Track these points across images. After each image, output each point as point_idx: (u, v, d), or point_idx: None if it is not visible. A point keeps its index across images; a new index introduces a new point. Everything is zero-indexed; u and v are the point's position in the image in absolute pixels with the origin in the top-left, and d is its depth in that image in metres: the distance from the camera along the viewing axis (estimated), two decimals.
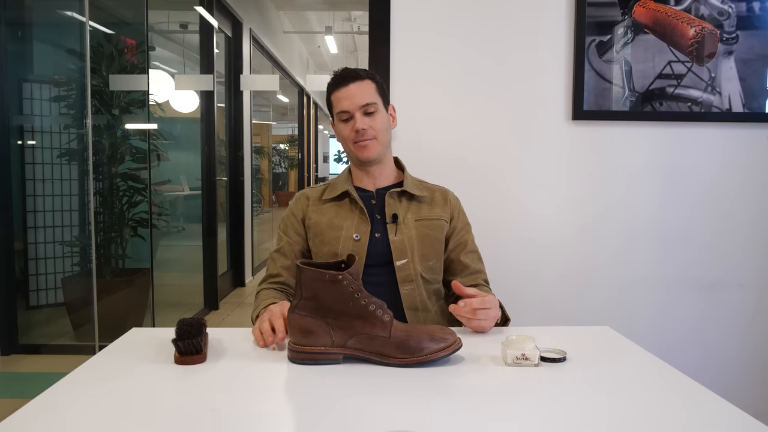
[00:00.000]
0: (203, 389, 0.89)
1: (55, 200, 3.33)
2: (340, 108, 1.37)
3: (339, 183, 1.44)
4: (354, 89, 1.36)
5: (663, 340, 1.95)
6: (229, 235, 4.75)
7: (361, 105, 1.35)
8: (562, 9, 1.86)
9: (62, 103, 3.34)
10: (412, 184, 1.44)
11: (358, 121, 1.35)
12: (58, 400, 0.84)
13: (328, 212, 1.41)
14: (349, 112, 1.36)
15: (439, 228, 1.41)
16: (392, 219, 1.38)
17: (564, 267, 1.93)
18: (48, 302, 3.35)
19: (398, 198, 1.41)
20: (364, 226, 1.37)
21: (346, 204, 1.41)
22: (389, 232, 1.37)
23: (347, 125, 1.37)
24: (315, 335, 0.98)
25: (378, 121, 1.37)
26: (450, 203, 1.46)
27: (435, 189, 1.48)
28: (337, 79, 1.39)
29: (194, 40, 4.30)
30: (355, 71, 1.38)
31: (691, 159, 1.91)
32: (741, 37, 1.85)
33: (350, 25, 7.45)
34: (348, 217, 1.39)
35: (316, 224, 1.40)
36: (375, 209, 1.40)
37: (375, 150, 1.37)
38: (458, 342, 1.00)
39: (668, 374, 0.96)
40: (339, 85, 1.37)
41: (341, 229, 1.37)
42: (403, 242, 1.36)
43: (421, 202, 1.43)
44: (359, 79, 1.37)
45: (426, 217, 1.41)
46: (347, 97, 1.36)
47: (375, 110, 1.37)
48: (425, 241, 1.38)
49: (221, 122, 4.47)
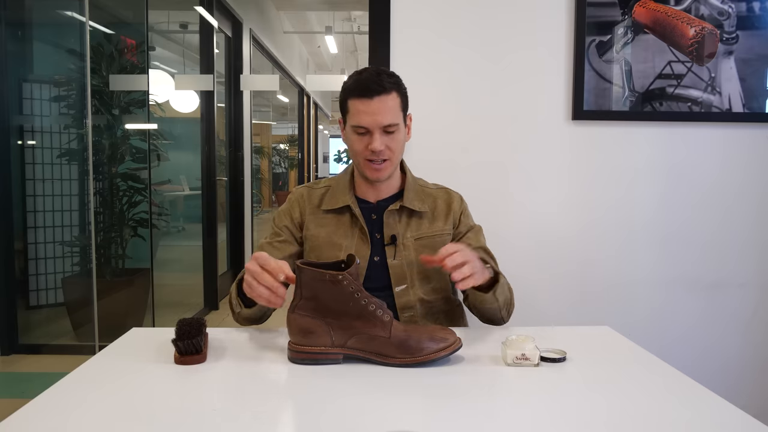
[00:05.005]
0: (203, 389, 0.89)
1: (55, 200, 3.33)
2: (359, 122, 1.24)
3: (340, 190, 1.35)
4: (377, 106, 1.22)
5: (663, 339, 1.95)
6: (229, 235, 4.75)
7: (383, 125, 1.23)
8: (562, 9, 1.86)
9: (62, 103, 3.34)
10: (413, 195, 1.35)
11: (376, 140, 1.23)
12: (58, 400, 0.84)
13: (327, 225, 1.33)
14: (367, 129, 1.24)
15: (441, 245, 1.31)
16: (391, 240, 1.31)
17: (564, 267, 1.93)
18: (48, 302, 3.35)
19: (398, 216, 1.33)
20: (364, 249, 1.30)
21: (347, 219, 1.33)
22: (388, 255, 1.30)
23: (361, 139, 1.26)
24: (315, 335, 0.98)
25: (396, 141, 1.26)
26: (453, 211, 1.38)
27: (438, 196, 1.40)
28: (359, 86, 1.24)
29: (194, 40, 4.31)
30: (381, 81, 1.23)
31: (691, 159, 1.91)
32: (741, 37, 1.85)
33: (350, 25, 7.45)
34: (348, 235, 1.32)
35: (314, 237, 1.33)
36: (375, 227, 1.33)
37: (386, 172, 1.28)
38: (458, 342, 1.00)
39: (668, 374, 0.96)
40: (361, 96, 1.23)
41: (340, 249, 1.30)
42: (402, 267, 1.30)
43: (422, 218, 1.35)
44: (384, 93, 1.22)
45: (426, 234, 1.33)
46: (369, 112, 1.22)
47: (395, 130, 1.25)
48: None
49: (221, 122, 4.47)
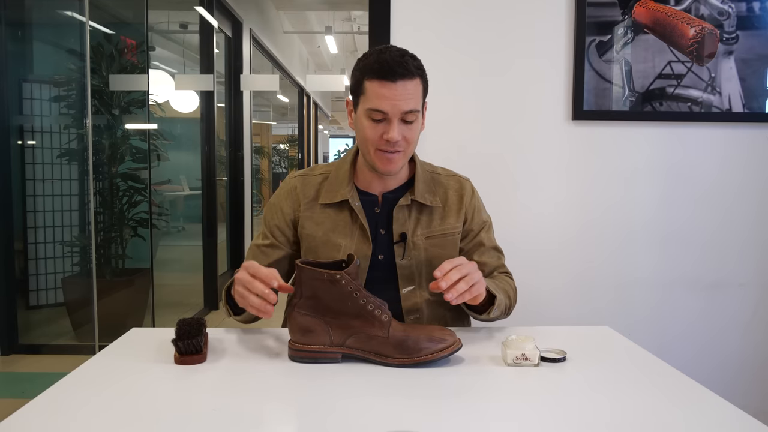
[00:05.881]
0: (203, 389, 0.89)
1: (55, 200, 3.33)
2: (377, 106, 1.11)
3: (339, 182, 1.23)
4: (400, 91, 1.10)
5: (663, 339, 1.95)
6: (229, 235, 4.75)
7: (404, 111, 1.11)
8: (562, 9, 1.86)
9: (62, 103, 3.34)
10: (424, 187, 1.24)
11: (393, 129, 1.11)
12: (58, 400, 0.84)
13: (324, 222, 1.23)
14: (385, 114, 1.12)
15: (452, 244, 1.25)
16: (400, 238, 1.21)
17: (564, 267, 1.93)
18: (48, 302, 3.35)
19: (407, 211, 1.22)
20: (365, 248, 1.20)
21: (346, 214, 1.22)
22: (396, 254, 1.21)
23: (376, 127, 1.13)
24: (314, 334, 0.98)
25: (413, 131, 1.16)
26: (465, 205, 1.27)
27: (449, 185, 1.29)
28: (382, 67, 1.10)
29: (194, 40, 4.31)
30: (406, 64, 1.11)
31: (691, 159, 1.91)
32: (741, 37, 1.85)
33: (350, 25, 7.45)
34: (347, 233, 1.21)
35: (310, 237, 1.23)
36: (378, 222, 1.22)
37: (399, 164, 1.17)
38: (458, 343, 0.99)
39: (668, 374, 0.96)
40: (383, 77, 1.10)
41: (339, 249, 1.20)
42: (411, 267, 1.21)
43: (433, 213, 1.24)
44: (409, 77, 1.11)
45: (438, 233, 1.23)
46: (390, 97, 1.10)
47: (415, 118, 1.14)
48: (435, 262, 1.17)
49: (221, 122, 4.47)
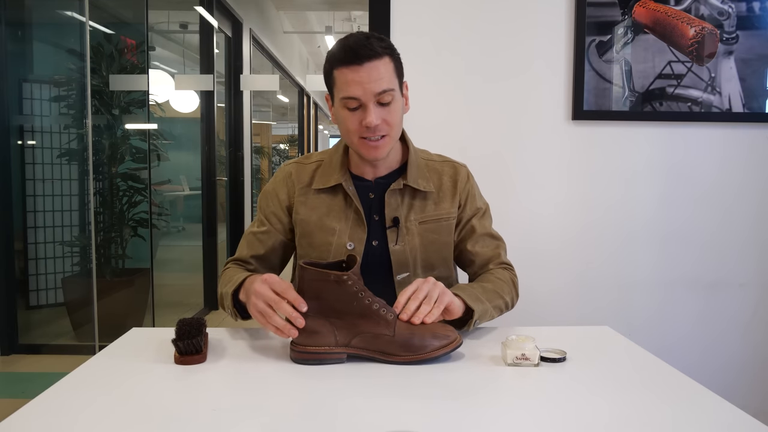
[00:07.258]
0: (203, 389, 0.89)
1: (55, 200, 3.33)
2: (349, 93, 1.09)
3: (333, 167, 1.23)
4: (369, 72, 1.08)
5: (663, 339, 1.95)
6: (229, 235, 4.75)
7: (377, 93, 1.09)
8: (561, 9, 1.86)
9: (62, 103, 3.34)
10: (417, 171, 1.23)
11: (371, 114, 1.09)
12: (58, 400, 0.84)
13: (318, 207, 1.22)
14: (359, 100, 1.10)
15: (447, 230, 1.25)
16: (393, 223, 1.20)
17: (564, 267, 1.93)
18: (48, 302, 3.36)
19: (400, 196, 1.22)
20: (360, 232, 1.20)
21: (340, 199, 1.22)
22: (389, 239, 1.20)
23: (354, 115, 1.12)
24: (319, 335, 0.98)
25: (393, 112, 1.13)
26: (459, 190, 1.25)
27: (443, 171, 1.27)
28: (347, 53, 1.09)
29: (194, 40, 4.31)
30: (370, 45, 1.08)
31: (691, 159, 1.91)
32: (741, 37, 1.85)
33: (350, 25, 7.44)
34: (341, 217, 1.21)
35: (304, 222, 1.23)
36: (372, 207, 1.22)
37: (385, 149, 1.15)
38: (458, 339, 1.00)
39: (668, 374, 0.96)
40: (349, 62, 1.08)
41: (333, 233, 1.20)
42: (405, 253, 1.20)
43: (427, 198, 1.23)
44: (376, 57, 1.08)
45: (432, 218, 1.23)
46: (359, 81, 1.08)
47: (391, 99, 1.11)
48: (431, 248, 1.22)
49: (221, 122, 4.47)
